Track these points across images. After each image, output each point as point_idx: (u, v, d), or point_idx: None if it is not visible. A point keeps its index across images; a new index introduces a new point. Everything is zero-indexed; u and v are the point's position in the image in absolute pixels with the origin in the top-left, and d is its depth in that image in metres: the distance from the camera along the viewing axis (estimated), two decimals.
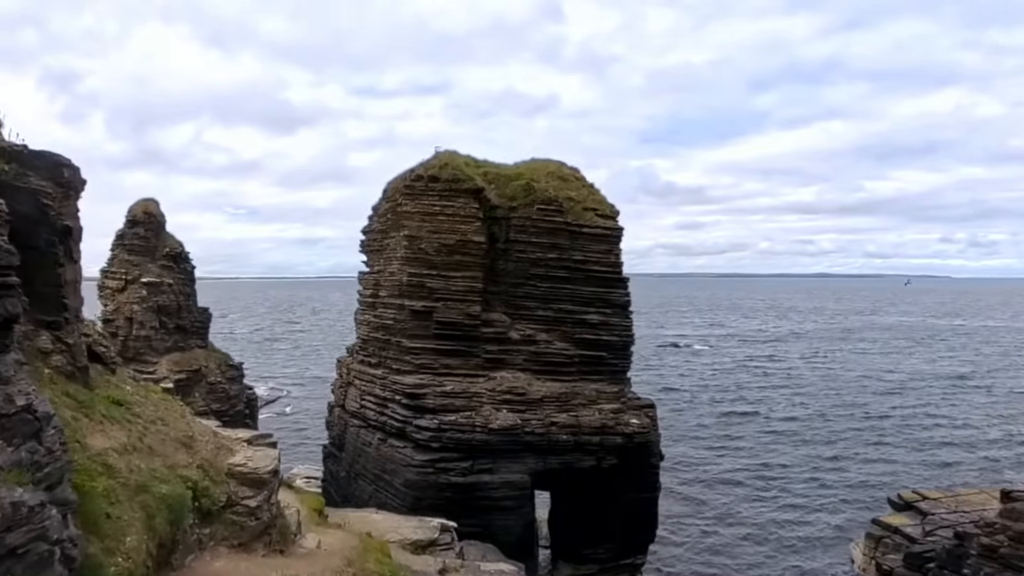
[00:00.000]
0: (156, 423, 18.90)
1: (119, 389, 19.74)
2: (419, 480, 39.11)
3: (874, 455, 76.46)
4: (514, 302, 44.94)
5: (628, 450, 42.99)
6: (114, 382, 20.06)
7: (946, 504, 48.04)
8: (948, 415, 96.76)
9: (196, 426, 21.13)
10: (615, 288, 46.47)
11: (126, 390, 20.14)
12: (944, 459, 75.21)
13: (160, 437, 18.27)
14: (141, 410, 19.14)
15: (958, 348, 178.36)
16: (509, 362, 43.81)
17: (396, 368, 43.10)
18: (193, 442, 19.26)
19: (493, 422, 39.74)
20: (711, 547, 52.00)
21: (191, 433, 19.86)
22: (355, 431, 45.92)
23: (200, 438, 19.94)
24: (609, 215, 47.08)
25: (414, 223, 42.77)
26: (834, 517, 58.36)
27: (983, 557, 32.73)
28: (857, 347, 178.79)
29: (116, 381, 20.30)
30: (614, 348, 45.97)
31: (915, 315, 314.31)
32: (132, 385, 21.39)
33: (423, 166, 44.50)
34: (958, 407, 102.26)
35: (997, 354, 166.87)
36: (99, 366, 19.94)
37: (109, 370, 20.55)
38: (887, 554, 44.88)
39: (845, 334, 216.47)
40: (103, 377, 19.80)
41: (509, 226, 44.89)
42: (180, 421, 20.47)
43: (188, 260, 59.06)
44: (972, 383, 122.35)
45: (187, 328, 57.15)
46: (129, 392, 20.10)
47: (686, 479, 65.40)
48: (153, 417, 19.19)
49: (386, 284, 45.14)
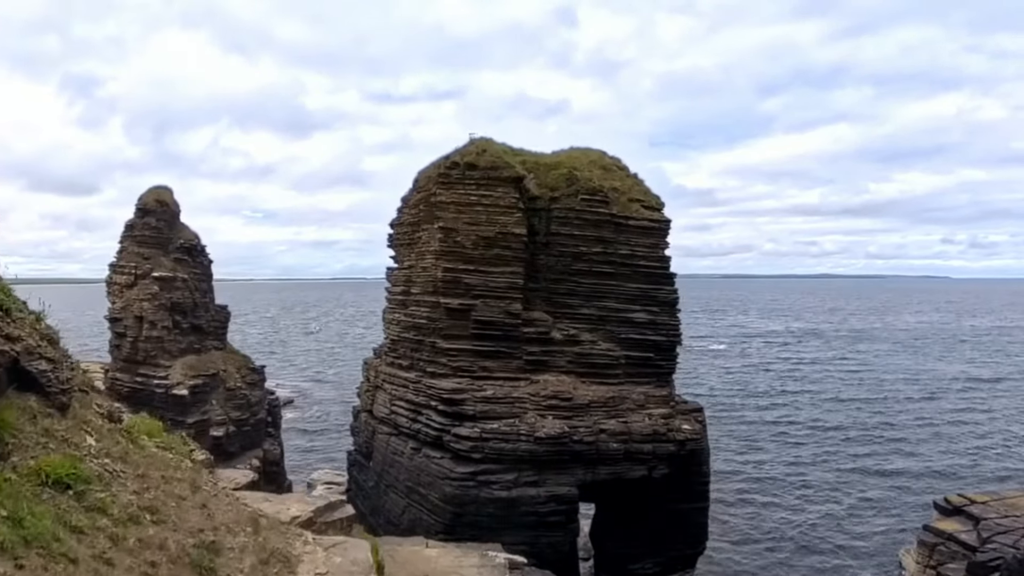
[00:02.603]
0: (141, 520, 9.32)
1: (69, 448, 9.60)
2: (459, 495, 35.90)
3: (909, 459, 74.67)
4: (555, 300, 41.92)
5: (679, 458, 40.29)
6: (60, 432, 9.79)
7: (995, 508, 45.69)
8: (979, 417, 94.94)
9: (220, 507, 10.88)
10: (662, 284, 43.70)
11: (86, 445, 9.98)
12: (980, 462, 73.51)
13: (149, 552, 8.80)
14: (114, 495, 9.35)
15: (981, 349, 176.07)
16: (552, 364, 40.73)
17: (431, 371, 39.94)
18: (217, 555, 9.75)
19: (539, 430, 36.52)
20: (756, 557, 50.04)
21: (211, 535, 10.10)
22: (384, 439, 42.77)
23: (229, 542, 10.29)
24: (655, 207, 44.21)
25: (449, 214, 39.62)
26: (877, 522, 56.67)
27: None
28: (877, 348, 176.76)
29: (66, 429, 9.91)
30: (661, 348, 43.31)
31: (928, 315, 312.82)
32: (101, 435, 10.64)
33: (459, 153, 41.36)
34: (989, 409, 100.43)
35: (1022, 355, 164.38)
36: (32, 399, 9.69)
37: (53, 406, 9.96)
38: (944, 563, 42.43)
39: (863, 334, 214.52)
40: (36, 421, 9.54)
41: (550, 218, 41.83)
42: (191, 500, 10.53)
43: (204, 253, 54.59)
44: (1001, 385, 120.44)
45: (203, 328, 52.87)
46: (92, 449, 10.03)
47: (721, 487, 63.27)
48: (137, 507, 9.47)
49: (419, 280, 41.98)
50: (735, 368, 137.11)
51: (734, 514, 57.56)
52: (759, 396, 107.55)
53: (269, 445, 52.80)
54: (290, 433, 75.37)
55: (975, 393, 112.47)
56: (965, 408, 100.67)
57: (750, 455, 74.79)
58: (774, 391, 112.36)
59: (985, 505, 47.11)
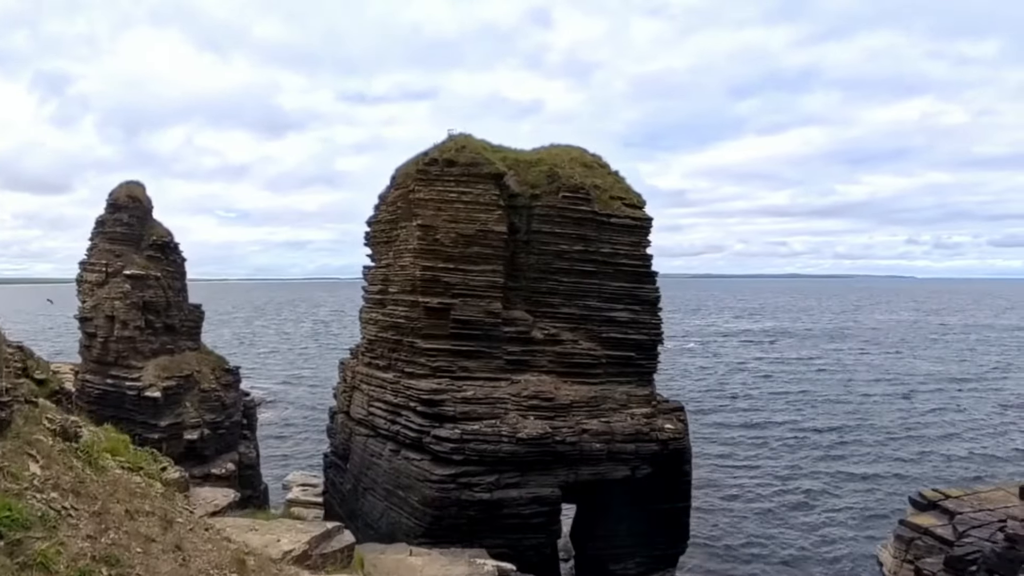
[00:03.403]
0: None
1: (5, 480, 7.29)
2: (439, 497, 35.18)
3: (883, 455, 75.61)
4: (536, 299, 41.40)
5: (662, 457, 39.93)
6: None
7: (969, 503, 46.16)
8: (951, 414, 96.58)
9: (198, 546, 8.74)
10: (644, 283, 43.40)
11: (28, 475, 7.60)
12: (954, 458, 74.69)
13: None
14: (61, 544, 6.91)
15: (951, 348, 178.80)
16: (533, 364, 40.20)
17: (409, 372, 39.17)
18: None
19: (521, 431, 35.94)
20: (735, 554, 50.37)
21: None
22: (362, 440, 41.96)
23: None
24: (637, 204, 43.87)
25: (428, 211, 38.90)
26: (853, 518, 57.27)
27: None
28: (849, 347, 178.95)
29: (2, 455, 7.63)
30: (643, 347, 42.94)
31: (898, 313, 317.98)
32: (50, 459, 8.18)
33: (438, 149, 40.64)
34: (960, 406, 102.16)
35: (993, 352, 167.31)
36: None
37: None
38: (921, 557, 42.76)
39: (835, 333, 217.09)
40: None
41: (531, 216, 41.30)
42: (161, 541, 8.14)
43: (178, 251, 52.87)
44: (971, 383, 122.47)
45: (176, 328, 51.50)
46: (36, 480, 7.62)
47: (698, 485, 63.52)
48: (92, 558, 7.04)
49: (396, 279, 41.20)
50: (708, 367, 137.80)
51: (712, 512, 57.65)
52: (733, 395, 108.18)
53: (245, 448, 51.69)
54: (266, 435, 74.29)
55: (946, 390, 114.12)
56: (937, 405, 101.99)
57: (725, 453, 75.04)
58: (748, 390, 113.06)
59: (960, 500, 47.57)
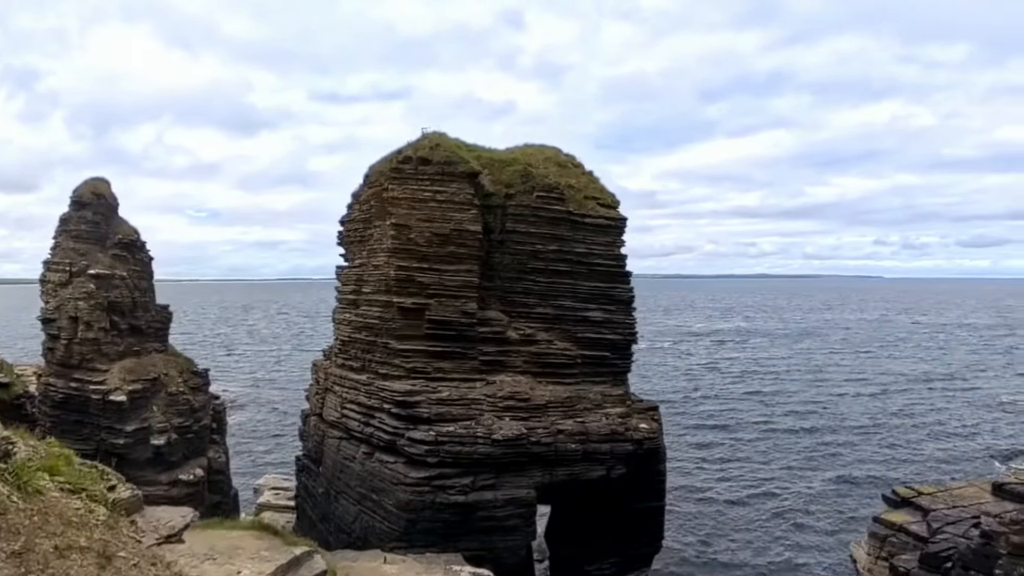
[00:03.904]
0: None
1: None
2: (414, 500, 34.70)
3: (856, 453, 76.36)
4: (511, 298, 41.12)
5: (637, 457, 39.83)
6: None
7: (943, 499, 46.66)
8: (921, 411, 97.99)
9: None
10: (618, 283, 43.38)
11: None
12: (925, 455, 75.64)
13: None
14: None
15: (921, 346, 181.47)
16: (508, 364, 39.90)
17: (383, 373, 38.66)
18: None
19: (496, 432, 35.58)
20: (709, 554, 50.42)
21: None
22: (335, 443, 41.33)
23: None
24: (611, 204, 43.83)
25: (402, 210, 38.41)
26: (827, 517, 57.65)
27: (1015, 556, 31.90)
28: (821, 346, 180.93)
29: None
30: (618, 347, 42.89)
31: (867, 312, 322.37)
32: None
33: (411, 147, 40.18)
34: (931, 403, 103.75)
35: (963, 351, 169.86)
36: None
37: None
38: (896, 554, 43.09)
39: (806, 333, 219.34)
40: None
41: (506, 215, 41.01)
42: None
43: (144, 249, 51.37)
44: (941, 381, 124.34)
45: (143, 329, 50.21)
46: None
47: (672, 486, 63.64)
48: None
49: (370, 279, 40.64)
50: (681, 367, 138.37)
51: (686, 512, 57.72)
52: (705, 395, 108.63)
53: (214, 453, 50.59)
54: (236, 439, 73.15)
55: (917, 389, 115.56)
56: (908, 403, 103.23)
57: (698, 453, 75.32)
58: (720, 389, 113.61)
59: (932, 496, 48.03)
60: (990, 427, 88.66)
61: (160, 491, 44.56)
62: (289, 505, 50.65)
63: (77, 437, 45.28)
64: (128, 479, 41.56)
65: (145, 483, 44.81)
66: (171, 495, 44.52)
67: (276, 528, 19.83)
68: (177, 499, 44.64)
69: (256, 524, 19.32)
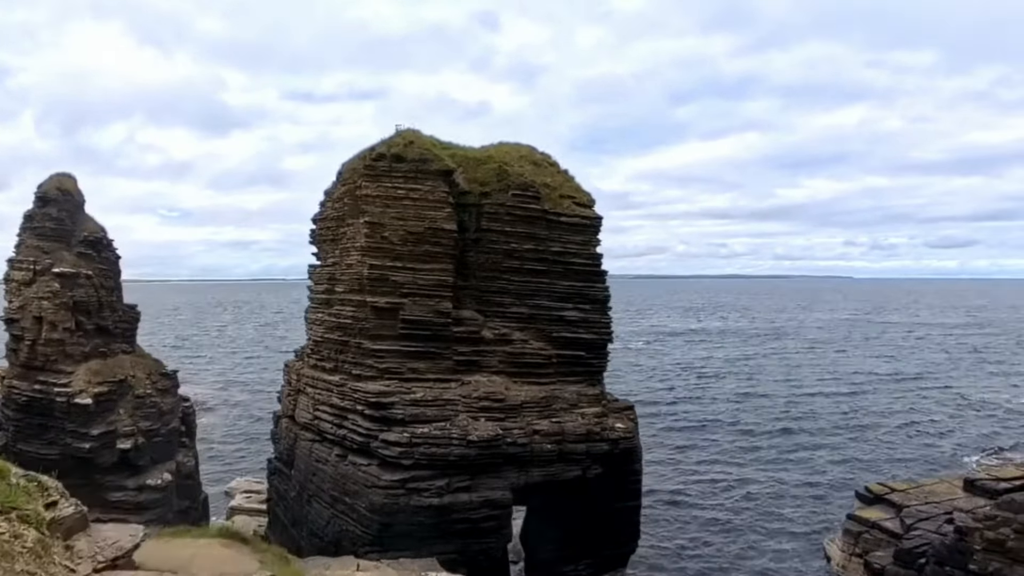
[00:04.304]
0: None
1: None
2: (388, 503, 34.15)
3: (829, 451, 76.81)
4: (486, 298, 40.74)
5: (613, 457, 39.70)
6: None
7: (915, 496, 47.17)
8: (894, 409, 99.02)
9: None
10: (594, 282, 43.14)
11: None
12: (898, 452, 76.38)
13: None
14: None
15: (892, 345, 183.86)
16: (483, 364, 39.52)
17: (356, 374, 38.04)
18: None
19: (472, 433, 35.15)
20: (684, 553, 50.36)
21: None
22: (307, 445, 40.63)
23: None
24: (586, 203, 43.61)
25: (376, 208, 37.85)
26: (801, 514, 57.92)
27: (990, 552, 32.24)
28: (793, 345, 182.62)
29: None
30: (593, 347, 42.69)
31: (838, 312, 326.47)
32: None
33: (385, 144, 39.63)
34: (903, 401, 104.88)
35: (933, 350, 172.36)
36: None
37: None
38: (870, 550, 43.41)
39: (778, 332, 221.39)
40: None
41: (481, 214, 40.62)
42: None
43: (111, 247, 50.02)
44: (913, 379, 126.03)
45: (110, 329, 49.01)
46: None
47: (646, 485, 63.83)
48: None
49: (343, 278, 40.01)
50: (656, 367, 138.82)
51: (661, 511, 57.69)
52: (679, 394, 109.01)
53: (183, 456, 49.52)
54: (206, 441, 72.02)
55: (889, 387, 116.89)
56: (880, 401, 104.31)
57: (673, 452, 75.43)
58: (694, 388, 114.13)
59: (905, 493, 48.49)
60: (961, 424, 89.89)
61: (127, 497, 43.61)
62: (261, 509, 49.84)
63: (41, 441, 44.20)
64: (94, 485, 40.38)
65: (112, 489, 43.86)
66: (139, 501, 43.59)
67: (245, 536, 19.19)
68: (145, 505, 43.74)
69: (224, 532, 18.67)
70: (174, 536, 17.02)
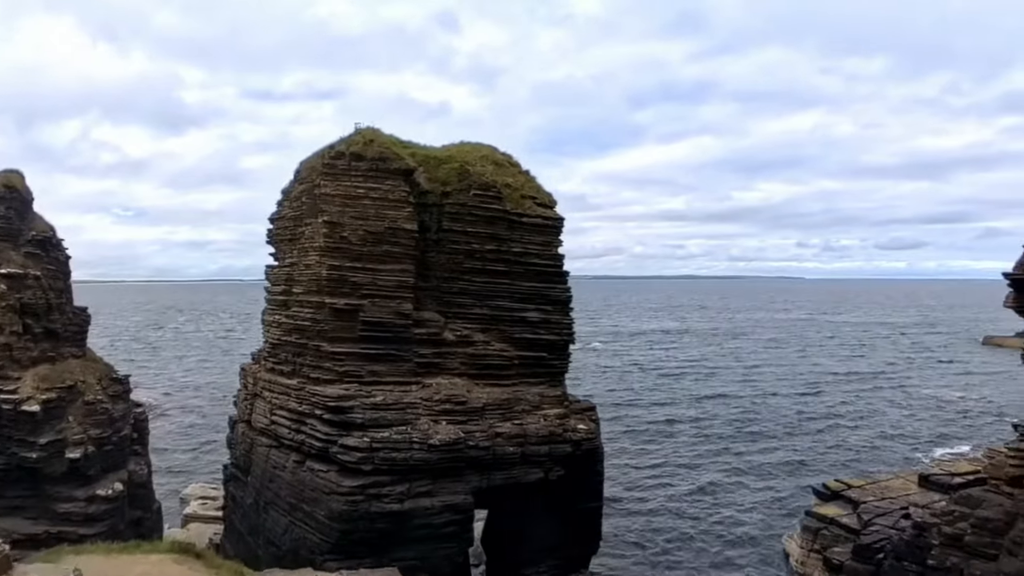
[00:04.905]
0: None
1: None
2: (347, 510, 33.35)
3: (786, 449, 78.44)
4: (447, 299, 40.15)
5: (575, 458, 39.37)
6: None
7: (872, 492, 48.01)
8: (849, 406, 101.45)
9: None
10: (556, 283, 42.78)
11: None
12: (853, 449, 78.15)
13: None
14: None
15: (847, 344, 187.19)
16: (444, 366, 38.92)
17: (315, 377, 37.19)
18: None
19: (433, 437, 34.57)
20: (644, 552, 51.00)
21: None
22: (264, 451, 39.67)
23: None
24: (548, 204, 43.30)
25: (335, 207, 37.06)
26: (759, 512, 58.84)
27: (947, 546, 32.76)
28: (750, 344, 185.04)
29: None
30: (555, 348, 42.30)
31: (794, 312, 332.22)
32: None
33: (344, 142, 38.85)
34: (857, 399, 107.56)
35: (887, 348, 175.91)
36: None
37: None
38: (829, 546, 43.98)
39: (736, 331, 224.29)
40: None
41: (442, 214, 40.02)
42: None
43: (61, 247, 48.15)
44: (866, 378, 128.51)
45: (59, 333, 47.28)
46: None
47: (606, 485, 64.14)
48: None
49: (301, 279, 39.15)
50: (616, 367, 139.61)
51: (622, 511, 58.06)
52: (639, 394, 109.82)
53: (135, 465, 48.01)
54: (160, 448, 70.41)
55: (845, 385, 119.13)
56: (837, 399, 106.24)
57: (633, 452, 75.99)
58: (653, 388, 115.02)
59: (862, 489, 49.26)
60: (915, 421, 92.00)
61: (77, 508, 42.09)
62: (217, 515, 48.71)
63: None
64: (42, 496, 38.77)
65: (61, 500, 42.33)
66: (89, 512, 42.10)
67: (199, 550, 18.42)
68: (95, 516, 42.29)
69: (177, 547, 17.87)
70: (123, 552, 16.25)
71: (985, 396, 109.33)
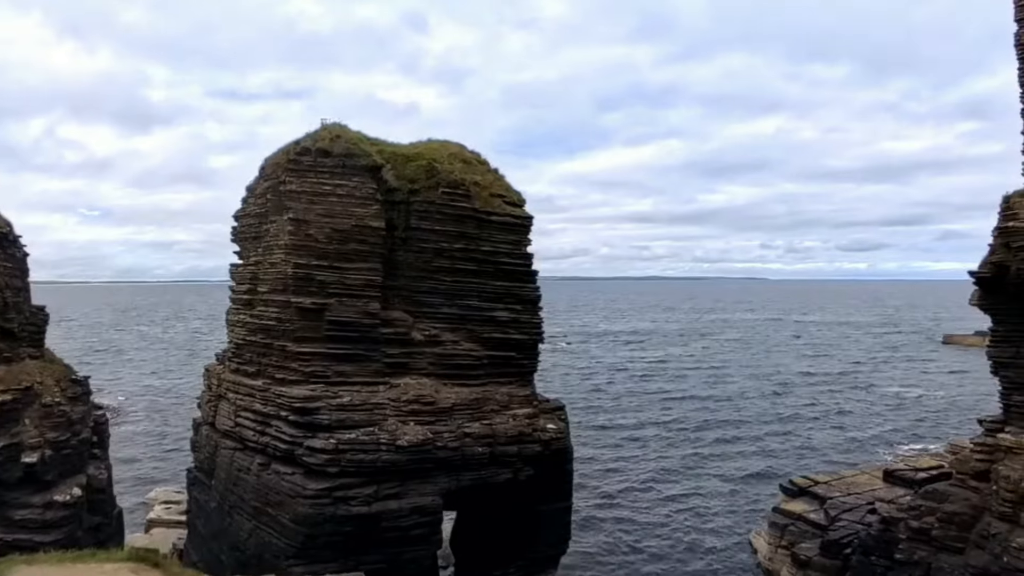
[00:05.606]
0: None
1: None
2: (312, 514, 32.75)
3: (753, 447, 78.64)
4: (415, 298, 39.65)
5: (545, 458, 39.16)
6: None
7: (838, 487, 48.42)
8: (815, 404, 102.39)
9: None
10: (525, 282, 42.58)
11: None
12: (819, 445, 78.70)
13: None
14: None
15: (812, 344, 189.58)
16: (412, 366, 38.45)
17: (280, 378, 36.49)
18: None
19: (401, 438, 34.11)
20: (611, 551, 50.65)
21: None
22: (228, 454, 38.88)
23: None
24: (517, 203, 43.03)
25: (300, 205, 36.40)
26: (727, 509, 58.79)
27: (915, 541, 33.17)
28: (717, 345, 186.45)
29: None
30: (524, 347, 42.07)
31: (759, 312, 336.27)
32: None
33: (310, 138, 38.19)
34: (823, 397, 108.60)
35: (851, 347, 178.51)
36: None
37: None
38: (796, 542, 44.20)
39: (701, 332, 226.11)
40: None
41: (410, 212, 39.50)
42: None
43: (18, 244, 47.27)
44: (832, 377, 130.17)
45: (15, 333, 45.70)
46: None
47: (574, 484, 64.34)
48: None
49: (266, 278, 38.41)
50: (584, 367, 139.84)
51: (590, 511, 57.78)
52: (607, 394, 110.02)
53: (94, 469, 46.61)
54: (121, 452, 68.84)
55: (810, 383, 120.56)
56: (802, 397, 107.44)
57: (601, 452, 75.81)
58: (621, 388, 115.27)
59: (828, 485, 49.62)
60: (879, 417, 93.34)
61: (33, 515, 40.74)
62: (181, 520, 47.64)
63: None
64: None
65: (16, 506, 40.96)
66: (46, 519, 40.78)
67: (157, 559, 17.77)
68: (53, 523, 40.98)
69: (134, 555, 17.22)
70: (77, 560, 15.58)
71: (945, 393, 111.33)
